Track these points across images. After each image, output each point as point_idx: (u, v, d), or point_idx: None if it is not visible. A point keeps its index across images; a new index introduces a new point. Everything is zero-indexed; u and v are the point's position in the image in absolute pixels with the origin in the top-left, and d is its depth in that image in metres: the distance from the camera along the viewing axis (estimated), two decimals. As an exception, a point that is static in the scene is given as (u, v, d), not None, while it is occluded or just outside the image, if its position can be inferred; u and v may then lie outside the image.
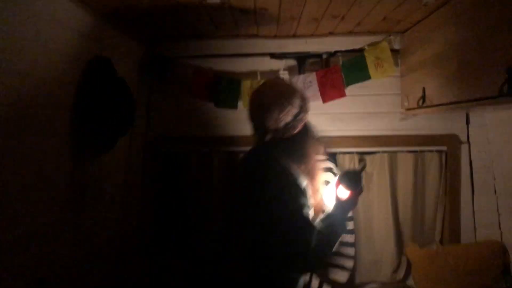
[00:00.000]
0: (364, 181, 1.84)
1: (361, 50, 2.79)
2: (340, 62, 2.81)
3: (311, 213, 1.71)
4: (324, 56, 2.86)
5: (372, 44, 2.80)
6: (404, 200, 2.93)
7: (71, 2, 1.94)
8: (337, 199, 1.78)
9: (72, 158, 2.05)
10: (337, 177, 1.81)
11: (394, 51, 2.79)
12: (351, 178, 1.76)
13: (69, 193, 2.08)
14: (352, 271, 2.75)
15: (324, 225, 1.70)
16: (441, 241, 2.91)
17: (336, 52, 2.85)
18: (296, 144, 1.81)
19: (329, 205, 1.83)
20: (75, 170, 2.08)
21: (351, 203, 1.79)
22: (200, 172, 2.94)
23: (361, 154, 2.93)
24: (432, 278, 2.73)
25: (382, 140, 2.91)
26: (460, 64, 2.03)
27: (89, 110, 2.03)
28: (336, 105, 2.85)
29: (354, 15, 2.39)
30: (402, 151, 2.93)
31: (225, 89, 2.80)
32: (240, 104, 2.83)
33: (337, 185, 1.78)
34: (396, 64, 2.82)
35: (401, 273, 2.91)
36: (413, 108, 2.61)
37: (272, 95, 1.77)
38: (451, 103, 2.12)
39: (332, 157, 2.82)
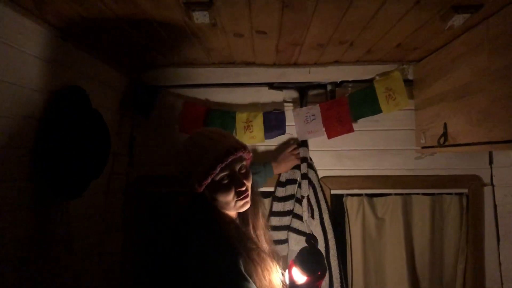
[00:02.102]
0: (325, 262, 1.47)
1: (370, 81, 2.50)
2: (347, 94, 2.52)
3: None
4: (329, 87, 2.57)
5: (383, 74, 2.52)
6: (420, 249, 2.60)
7: (33, 23, 1.64)
8: (292, 282, 1.44)
9: (32, 206, 1.71)
10: (293, 258, 1.47)
11: (407, 82, 2.50)
12: (309, 260, 1.41)
13: (29, 249, 1.73)
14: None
15: None
16: (463, 297, 2.56)
17: (342, 82, 2.56)
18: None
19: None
20: (37, 221, 1.75)
21: (311, 287, 1.43)
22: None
23: (371, 196, 2.60)
24: None
25: (394, 181, 2.59)
26: (492, 98, 1.72)
27: (53, 148, 1.70)
28: (342, 141, 2.56)
29: (364, 40, 2.10)
30: (417, 194, 2.61)
31: (218, 122, 2.49)
32: (235, 139, 2.51)
33: (291, 267, 1.44)
34: (410, 96, 2.53)
35: (417, 333, 2.55)
36: (432, 147, 2.30)
37: (188, 152, 1.53)
38: (481, 143, 1.80)
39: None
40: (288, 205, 2.50)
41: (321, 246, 2.44)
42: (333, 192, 2.60)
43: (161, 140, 2.64)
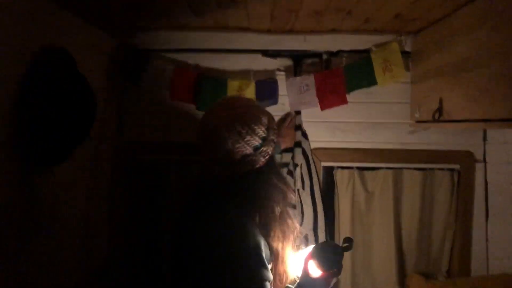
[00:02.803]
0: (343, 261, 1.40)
1: (367, 51, 2.43)
2: (343, 64, 2.45)
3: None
4: (325, 56, 2.49)
5: (380, 45, 2.44)
6: (408, 224, 2.60)
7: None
8: (305, 274, 1.40)
9: (12, 173, 1.65)
10: (311, 248, 1.41)
11: (404, 54, 2.43)
12: (328, 257, 1.36)
13: (11, 215, 1.68)
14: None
15: None
16: (448, 273, 2.58)
17: (338, 52, 2.48)
18: (257, 186, 1.39)
19: (296, 276, 1.47)
20: (18, 187, 1.69)
21: (323, 283, 1.39)
22: (178, 184, 2.57)
23: (362, 169, 2.57)
24: (438, 315, 2.39)
25: (386, 155, 2.55)
26: (491, 74, 1.66)
27: (34, 113, 1.64)
28: (336, 112, 2.50)
29: (363, 9, 2.02)
30: (408, 168, 2.58)
31: (209, 90, 2.42)
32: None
33: (307, 259, 1.40)
34: (407, 68, 2.46)
35: (402, 307, 2.58)
36: (426, 121, 2.26)
37: (227, 119, 1.35)
38: (477, 120, 1.75)
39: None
40: (280, 174, 2.46)
41: (309, 217, 2.42)
42: (323, 164, 2.56)
43: (151, 106, 2.56)
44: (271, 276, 1.31)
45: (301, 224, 2.29)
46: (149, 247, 2.59)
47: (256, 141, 1.36)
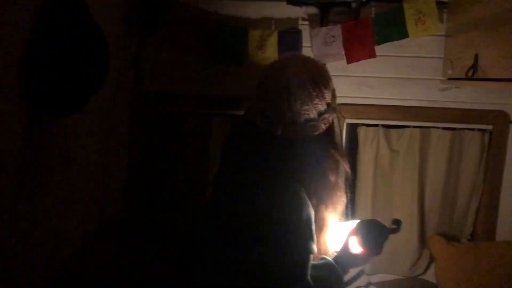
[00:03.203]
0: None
1: (399, 1, 2.24)
2: (373, 14, 2.29)
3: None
4: (354, 5, 2.31)
5: (414, -6, 2.26)
6: (433, 185, 2.51)
7: None
8: (345, 248, 1.34)
9: (24, 122, 1.62)
10: (356, 223, 1.34)
11: (440, 4, 2.25)
12: (373, 236, 1.29)
13: (23, 164, 1.67)
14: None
15: (316, 275, 1.27)
16: (472, 236, 2.51)
17: (368, 1, 2.30)
18: (314, 154, 1.31)
19: (334, 249, 1.41)
20: (30, 137, 1.66)
21: (360, 260, 1.34)
22: (196, 137, 2.54)
23: (388, 127, 2.46)
24: (459, 278, 2.35)
25: (414, 113, 2.44)
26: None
27: (45, 62, 1.57)
28: (362, 66, 2.36)
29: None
30: (437, 128, 2.46)
31: (228, 40, 2.30)
32: (246, 59, 2.34)
33: (351, 234, 1.33)
34: (441, 20, 2.29)
35: (421, 268, 2.56)
36: (458, 79, 2.11)
37: (301, 77, 1.25)
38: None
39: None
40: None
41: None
42: (347, 121, 2.46)
43: (169, 56, 2.47)
44: (315, 248, 1.25)
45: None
46: (167, 200, 2.59)
47: (322, 106, 1.28)
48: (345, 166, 1.41)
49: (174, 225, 2.45)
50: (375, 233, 1.30)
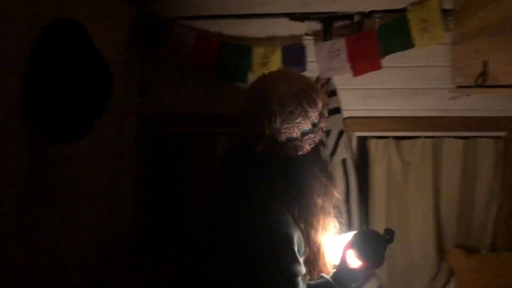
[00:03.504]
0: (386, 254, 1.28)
1: (403, 11, 2.22)
2: (377, 26, 2.26)
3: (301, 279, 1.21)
4: (356, 18, 2.29)
5: (418, 3, 2.22)
6: (448, 196, 2.44)
7: None
8: (343, 263, 1.29)
9: (27, 151, 1.61)
10: (351, 236, 1.29)
11: (445, 12, 2.21)
12: (369, 247, 1.24)
13: (29, 194, 1.65)
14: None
15: None
16: (492, 246, 2.43)
17: (371, 12, 2.28)
18: (297, 175, 1.26)
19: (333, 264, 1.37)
20: (34, 166, 1.65)
21: (360, 276, 1.28)
22: (201, 157, 2.53)
23: (399, 139, 2.42)
24: (481, 291, 2.26)
25: (424, 123, 2.38)
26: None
27: (46, 89, 1.57)
28: (369, 79, 2.33)
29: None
30: (449, 137, 2.40)
31: (232, 58, 2.30)
32: (251, 76, 2.33)
33: (346, 248, 1.28)
34: (447, 28, 2.25)
35: (441, 281, 2.46)
36: (468, 86, 2.06)
37: (284, 93, 1.22)
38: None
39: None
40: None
41: (340, 188, 2.31)
42: (357, 134, 2.42)
43: (173, 77, 2.47)
44: (303, 269, 1.19)
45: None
46: (174, 219, 2.57)
47: (306, 126, 1.24)
48: (333, 191, 1.35)
49: (182, 243, 2.42)
50: (371, 243, 1.25)
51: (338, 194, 1.38)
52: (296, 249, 1.18)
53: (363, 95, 2.39)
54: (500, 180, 2.37)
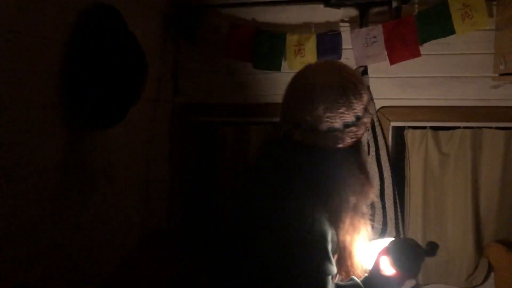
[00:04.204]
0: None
1: (444, -4, 2.15)
2: (415, 12, 2.21)
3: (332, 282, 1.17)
4: (395, 4, 2.23)
5: (460, -12, 2.15)
6: (488, 189, 2.36)
7: None
8: (376, 269, 1.24)
9: (65, 135, 1.63)
10: (388, 243, 1.24)
11: (489, -4, 2.14)
12: (406, 257, 1.19)
13: (66, 179, 1.68)
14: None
15: None
16: (534, 242, 2.33)
17: (410, -3, 2.22)
18: (335, 169, 1.20)
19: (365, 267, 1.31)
20: (71, 150, 1.67)
21: (393, 283, 1.22)
22: (236, 146, 2.52)
23: (437, 129, 2.35)
24: (521, 289, 2.18)
25: (464, 113, 2.31)
26: None
27: (82, 74, 1.58)
28: (407, 66, 2.28)
29: None
30: (490, 127, 2.32)
31: (266, 46, 2.28)
32: (285, 64, 2.31)
33: (382, 253, 1.24)
34: (491, 14, 2.17)
35: (479, 278, 2.38)
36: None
37: (329, 81, 1.18)
38: None
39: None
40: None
41: (375, 184, 2.26)
42: (393, 124, 2.37)
43: (207, 65, 2.48)
44: (334, 269, 1.15)
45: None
46: (208, 209, 2.57)
47: (349, 118, 1.19)
48: (369, 191, 1.28)
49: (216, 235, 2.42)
50: (409, 253, 1.20)
51: (374, 195, 1.33)
52: (329, 247, 1.14)
53: (400, 84, 2.34)
54: (543, 173, 2.28)
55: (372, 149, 2.26)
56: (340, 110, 1.16)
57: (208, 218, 2.57)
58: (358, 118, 1.20)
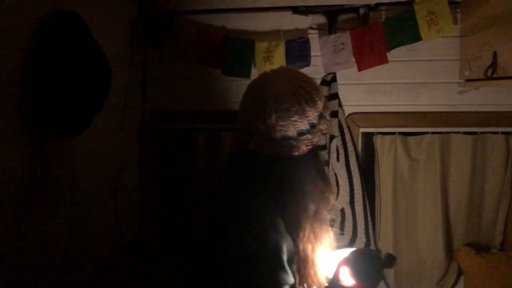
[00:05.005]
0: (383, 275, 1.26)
1: (410, 3, 2.17)
2: (383, 19, 2.22)
3: None
4: (362, 11, 2.24)
5: (425, -5, 2.18)
6: (457, 193, 2.38)
7: None
8: (336, 279, 1.23)
9: (27, 145, 1.59)
10: (348, 253, 1.25)
11: (453, 4, 2.17)
12: (365, 267, 1.20)
13: (29, 188, 1.63)
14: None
15: None
16: (502, 245, 2.37)
17: (377, 5, 2.23)
18: (292, 177, 1.20)
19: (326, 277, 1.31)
20: (34, 160, 1.63)
21: None
22: (206, 154, 2.49)
23: (406, 134, 2.36)
24: (490, 291, 2.20)
25: (432, 118, 2.33)
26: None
27: (44, 83, 1.54)
28: (375, 73, 2.28)
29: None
30: (457, 132, 2.34)
31: (235, 53, 2.26)
32: (254, 71, 2.29)
33: (341, 263, 1.23)
34: (455, 20, 2.20)
35: (449, 282, 2.40)
36: (477, 79, 2.01)
37: (281, 90, 1.17)
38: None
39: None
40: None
41: (345, 191, 2.28)
42: (362, 130, 2.38)
43: (176, 72, 2.44)
44: (291, 279, 1.15)
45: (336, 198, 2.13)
46: (179, 217, 2.54)
47: (303, 125, 1.18)
48: (330, 197, 1.29)
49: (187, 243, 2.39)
50: (367, 264, 1.20)
51: (335, 200, 1.33)
52: (285, 257, 1.13)
53: (369, 90, 2.35)
54: (510, 177, 2.31)
55: (342, 155, 2.27)
56: (293, 118, 1.16)
57: (179, 226, 2.54)
58: (312, 126, 1.20)
